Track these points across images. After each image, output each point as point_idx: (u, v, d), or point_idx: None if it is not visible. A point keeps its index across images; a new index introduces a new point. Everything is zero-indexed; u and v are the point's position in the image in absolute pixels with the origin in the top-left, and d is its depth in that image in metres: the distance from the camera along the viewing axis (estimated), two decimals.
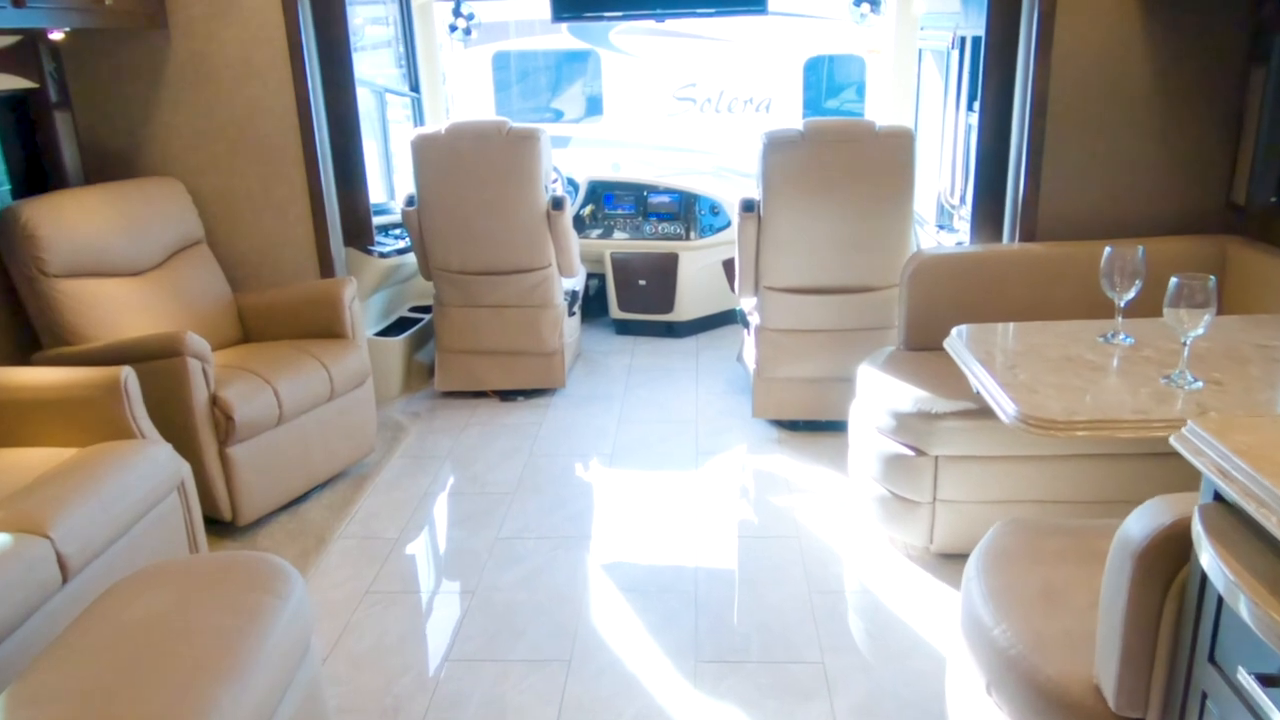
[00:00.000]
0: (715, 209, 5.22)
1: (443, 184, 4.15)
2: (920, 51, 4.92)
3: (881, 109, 6.14)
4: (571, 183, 5.46)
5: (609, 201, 5.31)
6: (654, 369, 4.87)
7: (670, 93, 9.04)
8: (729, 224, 5.22)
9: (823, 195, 3.58)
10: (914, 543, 3.04)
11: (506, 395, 4.52)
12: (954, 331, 2.63)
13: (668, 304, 5.28)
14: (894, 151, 3.53)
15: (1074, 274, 3.24)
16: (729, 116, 8.89)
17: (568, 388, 4.58)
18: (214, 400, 3.09)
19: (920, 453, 2.90)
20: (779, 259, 3.75)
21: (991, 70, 3.43)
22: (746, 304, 4.16)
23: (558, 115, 9.47)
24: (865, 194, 3.57)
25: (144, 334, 3.17)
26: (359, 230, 4.18)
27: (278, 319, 3.77)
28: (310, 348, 3.52)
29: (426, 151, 4.11)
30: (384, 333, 4.64)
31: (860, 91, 8.76)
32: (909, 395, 2.95)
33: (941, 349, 2.58)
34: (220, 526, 3.26)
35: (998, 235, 3.61)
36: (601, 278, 5.54)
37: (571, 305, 4.59)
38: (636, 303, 5.33)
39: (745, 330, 4.21)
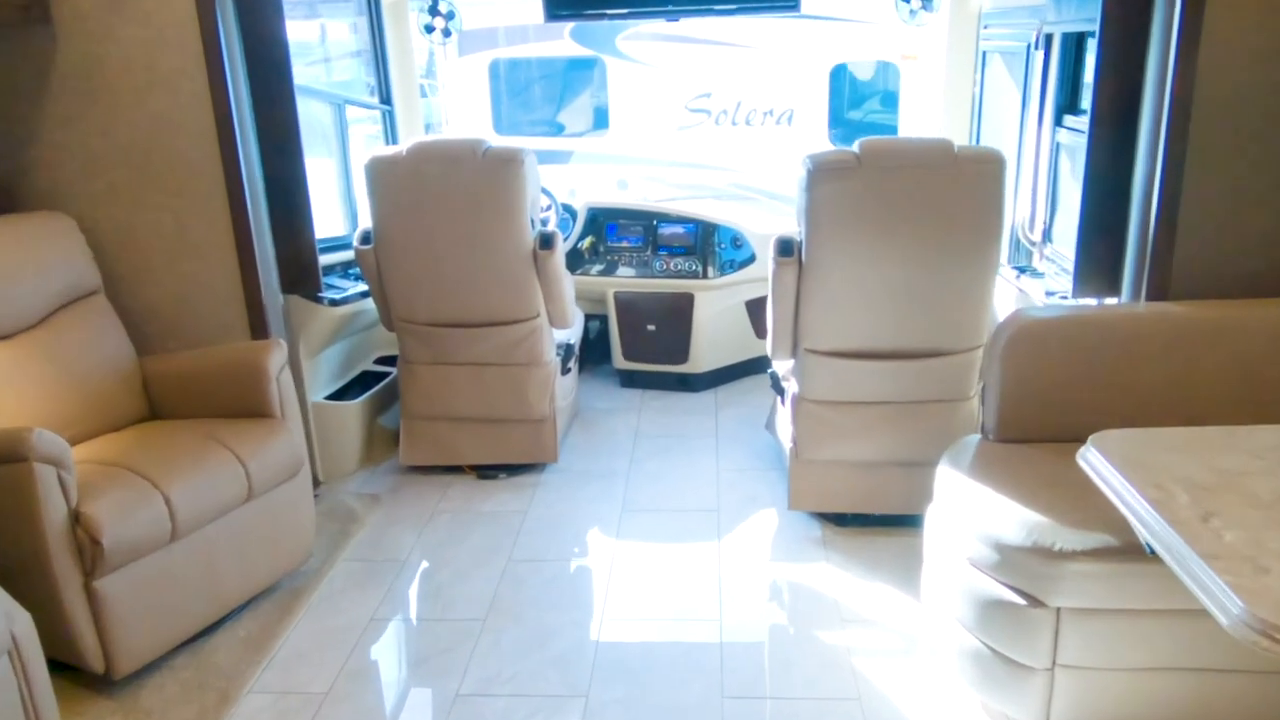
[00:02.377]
0: (737, 241, 4.41)
1: (404, 218, 3.35)
2: (983, 54, 4.11)
3: (918, 122, 5.34)
4: (568, 210, 4.66)
5: (612, 232, 4.51)
6: (665, 434, 4.06)
7: (682, 103, 8.27)
8: (753, 258, 4.42)
9: (885, 237, 2.78)
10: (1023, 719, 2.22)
11: (486, 472, 3.71)
12: (1092, 443, 1.83)
13: (681, 353, 4.47)
14: (979, 181, 2.71)
15: (1227, 347, 2.44)
16: (746, 130, 8.10)
17: (560, 461, 3.77)
18: (76, 518, 2.30)
19: (1036, 602, 2.09)
20: (826, 316, 2.94)
21: (1109, 73, 2.62)
22: (781, 367, 3.35)
23: (559, 129, 8.70)
24: (940, 235, 2.76)
25: None
26: (302, 274, 3.39)
27: (191, 390, 2.98)
28: (225, 433, 2.73)
29: (384, 178, 3.32)
30: (341, 393, 3.84)
31: (888, 101, 7.97)
32: (1018, 520, 2.14)
33: (1047, 441, 2.06)
34: (92, 680, 2.46)
35: (1111, 287, 2.79)
36: (603, 319, 4.74)
37: (566, 361, 3.79)
38: (645, 351, 4.52)
39: (779, 398, 3.40)
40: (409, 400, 3.66)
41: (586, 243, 4.51)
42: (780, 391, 3.35)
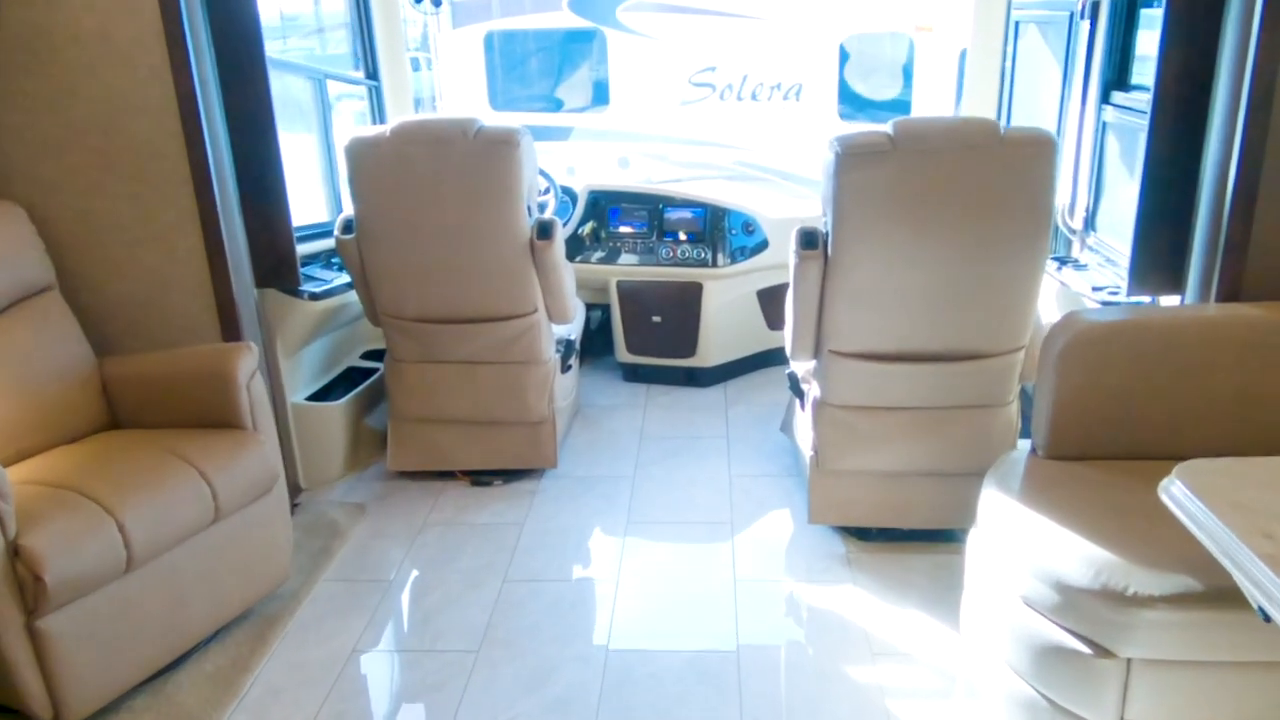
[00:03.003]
0: (749, 226, 4.13)
1: (388, 205, 3.07)
2: (1015, 24, 3.80)
3: (934, 99, 5.06)
4: (567, 193, 4.37)
5: (614, 217, 4.22)
6: (672, 435, 3.80)
7: (685, 77, 7.94)
8: (765, 244, 4.13)
9: (921, 227, 2.49)
10: None
11: (480, 478, 3.45)
12: (1177, 476, 1.57)
13: (688, 346, 4.20)
14: (1028, 165, 2.42)
15: None
16: (753, 105, 7.77)
17: (560, 466, 3.50)
18: (15, 551, 2.03)
19: (1103, 651, 1.83)
20: (853, 315, 2.66)
21: (1176, 45, 2.33)
22: (800, 367, 3.08)
23: (557, 104, 8.38)
24: (984, 225, 2.48)
25: None
26: (278, 265, 3.10)
27: (156, 397, 2.71)
28: (189, 447, 2.46)
29: (365, 161, 3.03)
30: (324, 392, 3.57)
31: (896, 77, 7.63)
32: (1082, 557, 1.88)
33: (1105, 458, 1.93)
34: None
35: (1173, 285, 2.52)
36: (605, 309, 4.47)
37: (566, 358, 3.52)
38: (650, 344, 4.24)
39: (798, 401, 3.13)
40: (397, 401, 3.39)
41: (587, 228, 4.21)
42: (799, 394, 3.08)
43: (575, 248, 4.21)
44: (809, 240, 2.64)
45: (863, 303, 2.63)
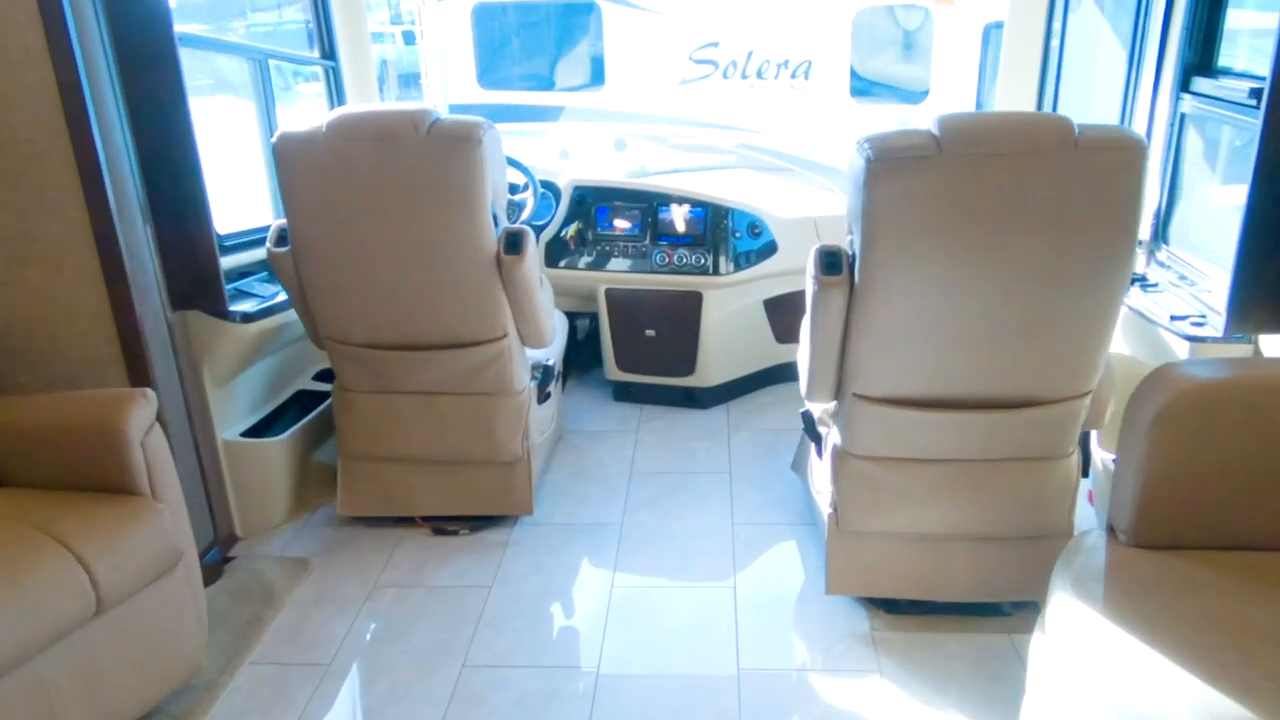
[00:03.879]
0: (755, 228, 3.63)
1: (327, 214, 2.58)
2: None
3: (954, 80, 4.58)
4: (549, 188, 3.87)
5: (603, 217, 3.72)
6: (668, 469, 3.32)
7: (686, 54, 7.41)
8: (773, 247, 3.64)
9: (973, 250, 2.00)
10: None
11: (442, 526, 2.98)
12: None
13: (686, 363, 3.71)
14: (1110, 175, 1.93)
15: None
16: (759, 84, 7.24)
17: (538, 510, 3.04)
18: None
19: None
20: (884, 353, 2.18)
21: None
22: (817, 407, 2.60)
23: (549, 83, 7.85)
24: (1052, 248, 1.99)
25: None
26: (200, 283, 2.62)
27: (35, 452, 2.23)
28: (66, 522, 1.98)
29: (296, 163, 2.53)
30: (268, 422, 3.10)
31: (912, 54, 7.08)
32: (1195, 706, 1.41)
33: (1207, 548, 1.59)
34: None
35: None
36: (593, 318, 3.98)
37: (544, 386, 3.04)
38: (642, 360, 3.76)
39: (814, 446, 2.66)
40: (346, 437, 2.92)
41: (572, 229, 3.71)
42: (816, 439, 2.60)
43: (558, 252, 3.72)
44: (831, 263, 2.15)
45: (897, 339, 2.14)
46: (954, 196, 1.96)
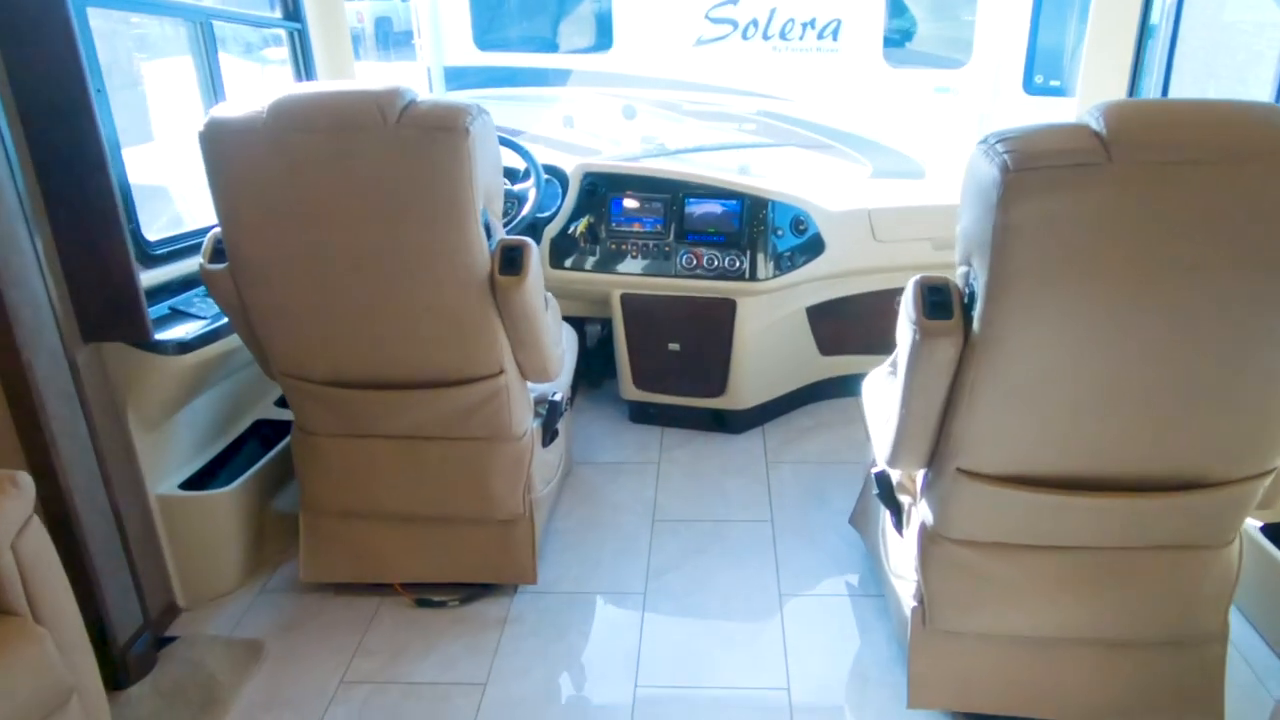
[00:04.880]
0: (800, 224, 3.06)
1: (272, 223, 2.01)
2: None
3: (1000, 44, 4.04)
4: (554, 174, 3.30)
5: (618, 210, 3.15)
6: (697, 515, 2.80)
7: (702, 12, 6.78)
8: (820, 243, 3.08)
9: (1149, 293, 1.44)
10: None
11: (428, 596, 2.46)
12: None
13: (716, 382, 3.17)
14: None
15: None
16: (782, 46, 6.62)
17: (542, 574, 2.51)
18: None
19: None
20: (1012, 421, 1.63)
21: None
22: (896, 470, 2.06)
23: (553, 45, 7.23)
24: (1253, 294, 1.43)
25: None
26: (117, 309, 2.07)
27: None
28: None
29: (231, 157, 1.96)
30: (218, 463, 2.56)
31: (954, 11, 6.43)
32: None
33: None
34: None
35: None
36: (606, 323, 3.44)
37: (550, 425, 2.50)
38: (664, 378, 3.22)
39: (888, 515, 2.12)
40: (310, 489, 2.39)
41: (581, 225, 3.15)
42: (895, 510, 2.07)
43: (565, 250, 3.16)
44: (938, 302, 1.59)
45: (1028, 404, 1.59)
46: (1128, 222, 1.39)
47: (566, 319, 3.37)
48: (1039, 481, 1.70)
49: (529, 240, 2.08)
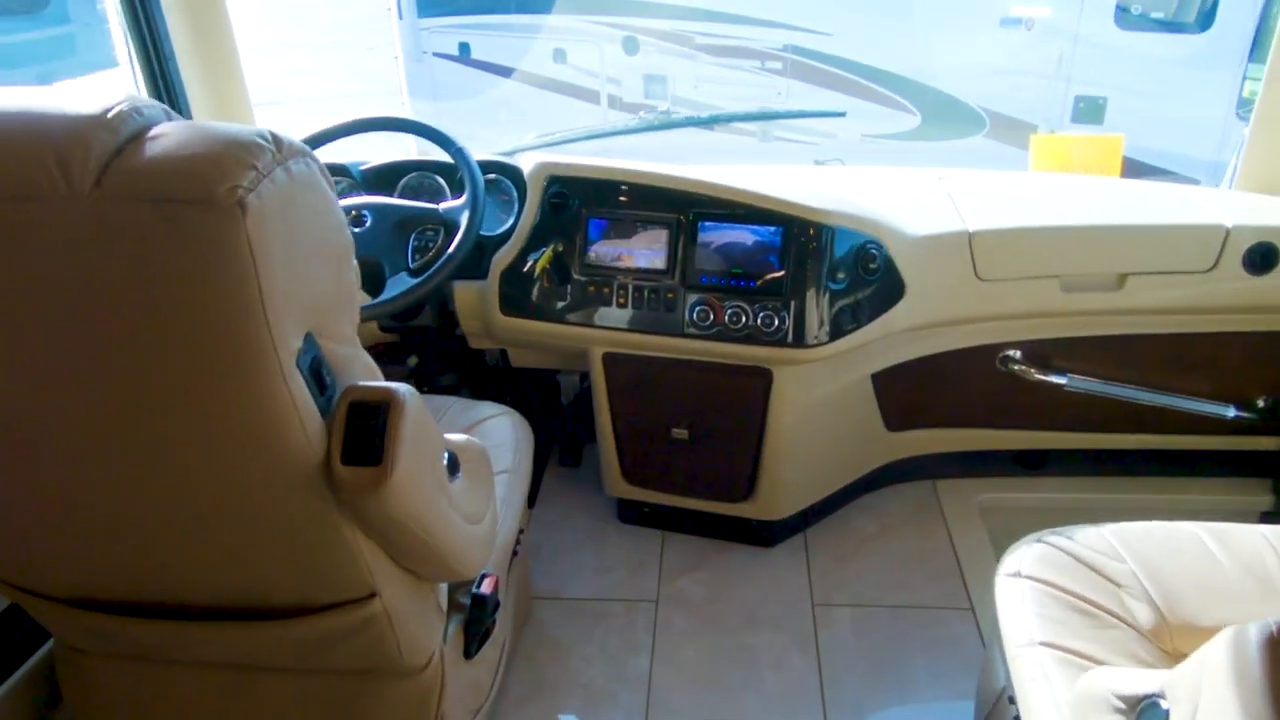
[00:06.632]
0: (869, 257, 2.02)
1: None
2: None
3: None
4: (503, 172, 2.27)
5: (597, 233, 2.11)
6: (713, 709, 1.86)
7: None
8: (898, 286, 2.06)
9: None
10: None
11: None
12: None
13: (740, 481, 2.20)
14: None
15: None
16: None
17: None
18: None
19: None
20: None
21: None
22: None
23: None
24: None
25: None
26: None
27: None
28: None
29: None
30: None
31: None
32: None
33: None
34: None
35: None
36: (585, 374, 2.44)
37: (475, 629, 1.55)
38: (666, 473, 2.25)
39: None
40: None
41: (544, 256, 2.09)
42: None
43: (521, 290, 2.14)
44: None
45: None
46: None
47: (525, 371, 2.40)
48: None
49: (403, 393, 1.09)
